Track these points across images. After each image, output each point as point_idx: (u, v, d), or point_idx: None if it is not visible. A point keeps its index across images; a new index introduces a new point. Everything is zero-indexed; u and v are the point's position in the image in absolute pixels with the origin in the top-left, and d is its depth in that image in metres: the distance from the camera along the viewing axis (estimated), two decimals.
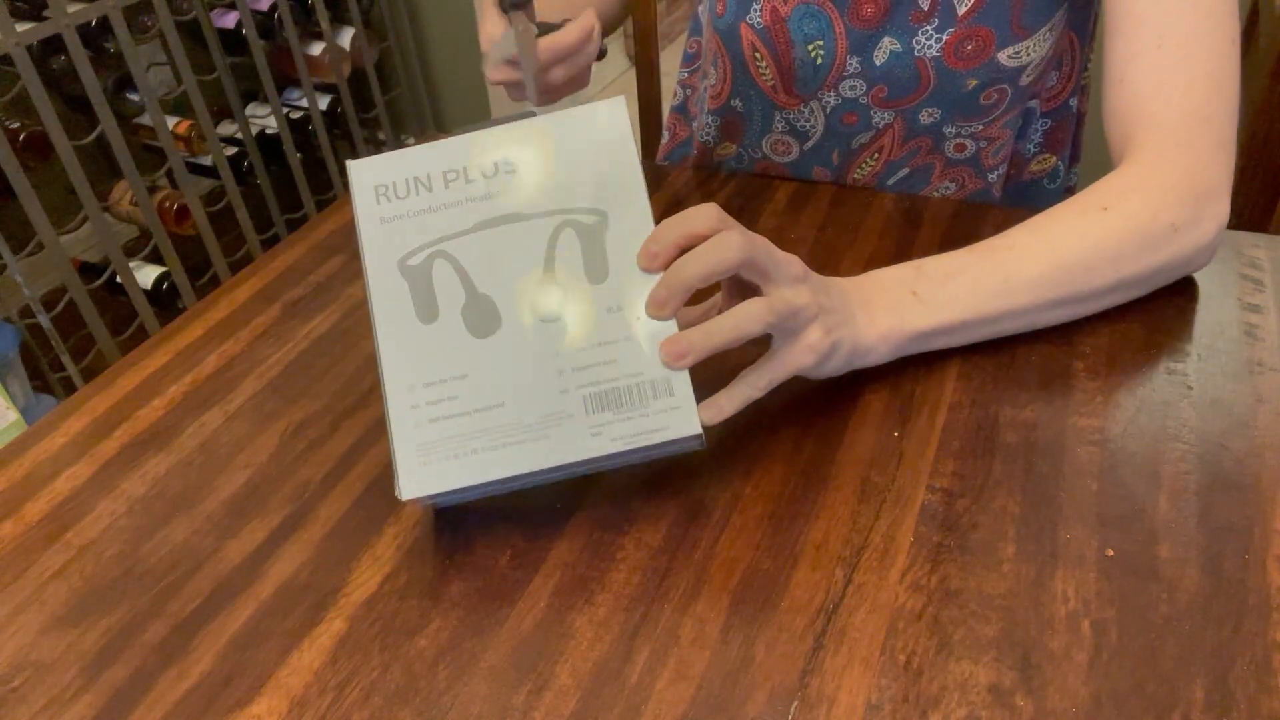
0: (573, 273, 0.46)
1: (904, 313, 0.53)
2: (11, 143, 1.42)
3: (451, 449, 0.44)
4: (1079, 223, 0.55)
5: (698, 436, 0.45)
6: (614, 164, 0.47)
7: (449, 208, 0.47)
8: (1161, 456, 0.49)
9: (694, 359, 0.45)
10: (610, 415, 0.44)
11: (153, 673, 0.42)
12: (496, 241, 0.47)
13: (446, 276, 0.46)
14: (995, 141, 0.77)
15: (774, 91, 0.77)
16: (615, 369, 0.45)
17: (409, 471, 0.44)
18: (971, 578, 0.43)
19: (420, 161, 0.48)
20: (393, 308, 0.46)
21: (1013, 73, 0.71)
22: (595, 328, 0.45)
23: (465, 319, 0.46)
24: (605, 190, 0.47)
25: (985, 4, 0.67)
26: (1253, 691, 0.38)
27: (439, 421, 0.45)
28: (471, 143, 0.48)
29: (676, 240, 0.45)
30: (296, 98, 1.98)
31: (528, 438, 0.44)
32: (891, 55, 0.71)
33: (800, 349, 0.48)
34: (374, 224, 0.47)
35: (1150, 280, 0.57)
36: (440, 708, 0.40)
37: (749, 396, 0.47)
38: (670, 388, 0.44)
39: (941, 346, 0.56)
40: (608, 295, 0.45)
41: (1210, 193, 0.56)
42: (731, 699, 0.39)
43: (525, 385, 0.45)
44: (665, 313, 0.45)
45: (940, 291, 0.54)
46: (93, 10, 1.48)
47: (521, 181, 0.47)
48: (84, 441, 0.56)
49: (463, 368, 0.45)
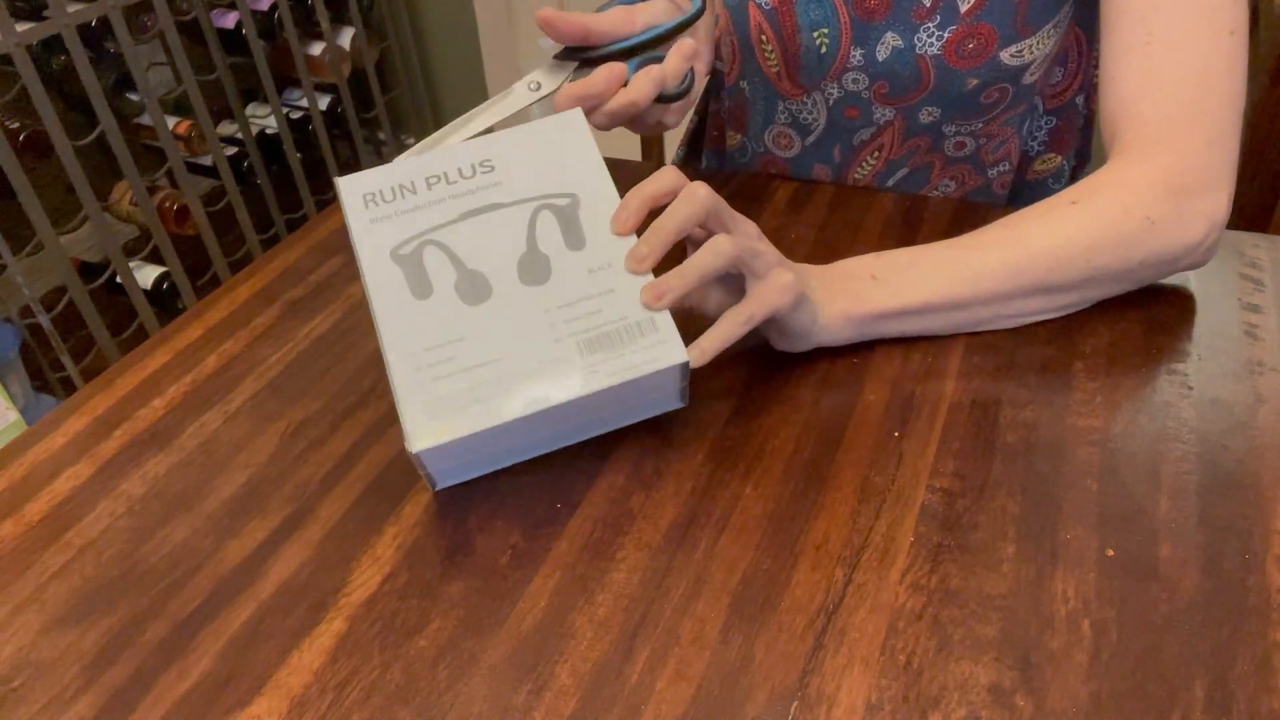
0: (554, 244, 0.50)
1: (862, 294, 0.55)
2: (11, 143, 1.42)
3: (457, 400, 0.46)
4: (1047, 215, 0.56)
5: (683, 376, 0.49)
6: (579, 159, 0.52)
7: (434, 204, 0.51)
8: (1161, 456, 0.49)
9: (672, 299, 0.48)
10: (603, 354, 0.47)
11: (153, 673, 0.42)
12: (480, 227, 0.50)
13: (437, 259, 0.50)
14: (995, 139, 0.77)
15: (778, 78, 0.78)
16: (602, 316, 0.48)
17: (417, 423, 0.46)
18: (971, 578, 0.43)
19: (403, 172, 0.52)
20: (388, 290, 0.49)
21: (1015, 71, 0.71)
22: (580, 285, 0.49)
23: (458, 291, 0.49)
24: (575, 178, 0.52)
25: (989, 1, 0.67)
26: (1253, 691, 0.38)
27: (442, 379, 0.47)
28: (449, 153, 0.53)
29: (643, 202, 0.50)
30: (296, 98, 1.98)
31: (528, 382, 0.47)
32: (894, 51, 0.71)
33: (775, 288, 0.50)
34: (364, 225, 0.51)
35: (1132, 275, 0.57)
36: (440, 708, 0.40)
37: (730, 335, 0.49)
38: (654, 325, 0.48)
39: (907, 332, 0.57)
40: (588, 259, 0.49)
41: (1195, 190, 0.56)
42: (731, 699, 0.39)
43: (520, 339, 0.48)
44: (644, 266, 0.49)
45: (900, 276, 0.56)
46: (93, 10, 1.48)
47: (498, 177, 0.52)
48: (84, 441, 0.56)
49: (459, 333, 0.48)
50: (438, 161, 0.52)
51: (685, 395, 0.51)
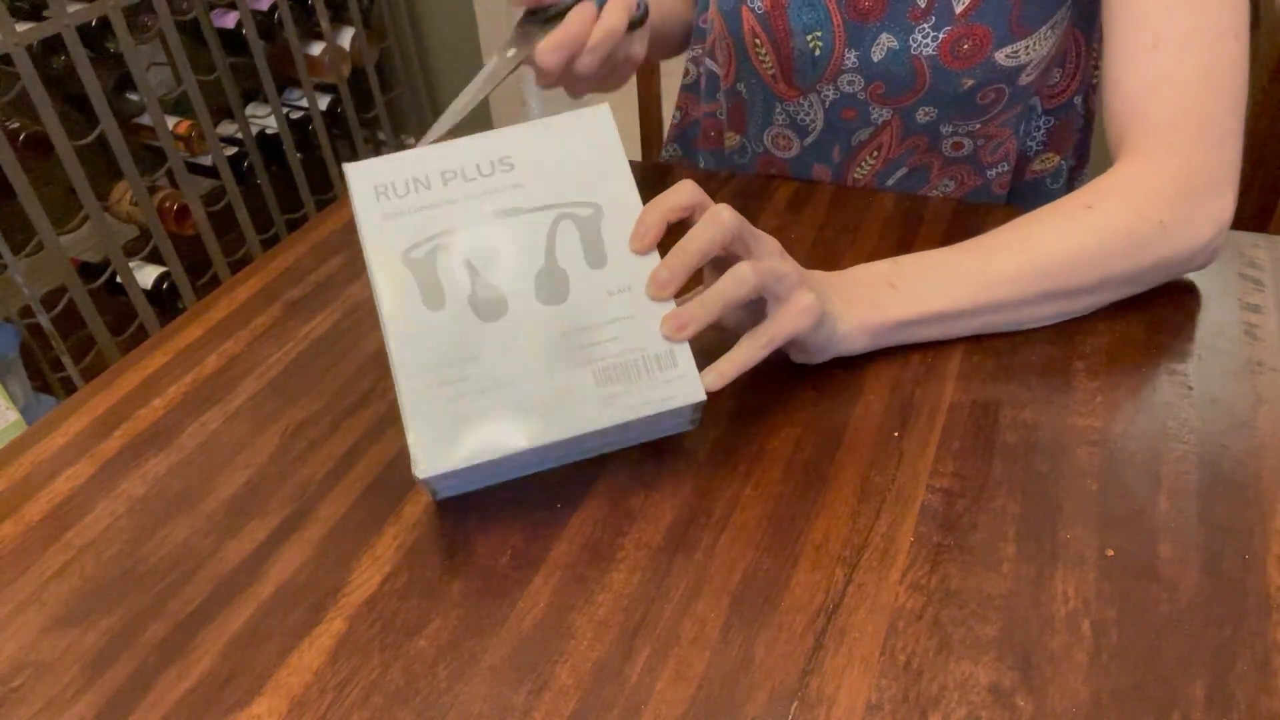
0: (573, 260, 0.48)
1: (881, 303, 0.54)
2: (11, 143, 1.42)
3: (468, 426, 0.45)
4: (1062, 220, 0.56)
5: (697, 406, 0.47)
6: (604, 162, 0.50)
7: (449, 204, 0.48)
8: (1161, 456, 0.49)
9: (694, 330, 0.47)
10: (619, 387, 0.46)
11: (153, 673, 0.42)
12: (498, 234, 0.48)
13: (451, 267, 0.47)
14: (993, 140, 0.77)
15: (774, 81, 0.78)
16: (620, 344, 0.47)
17: (424, 448, 0.45)
18: (971, 578, 0.43)
19: (418, 164, 0.49)
20: (398, 297, 0.47)
21: (1010, 72, 0.71)
22: (598, 309, 0.47)
23: (472, 305, 0.47)
24: (598, 185, 0.49)
25: (983, 2, 0.67)
26: (1253, 691, 0.38)
27: (453, 401, 0.46)
28: (467, 146, 0.49)
29: (661, 217, 0.48)
30: (296, 98, 1.98)
31: (541, 411, 0.46)
32: (889, 53, 0.71)
33: (796, 310, 0.49)
34: (374, 221, 0.48)
35: (1143, 278, 0.57)
36: (440, 708, 0.40)
37: (750, 359, 0.49)
38: (674, 359, 0.47)
39: (924, 338, 0.56)
40: (608, 279, 0.48)
41: (1204, 192, 0.56)
42: (731, 699, 0.39)
43: (535, 363, 0.46)
44: (666, 293, 0.47)
45: (918, 283, 0.55)
46: (93, 10, 1.48)
47: (518, 178, 0.49)
48: (84, 441, 0.56)
49: (472, 351, 0.46)
50: (454, 154, 0.49)
51: (698, 420, 0.51)
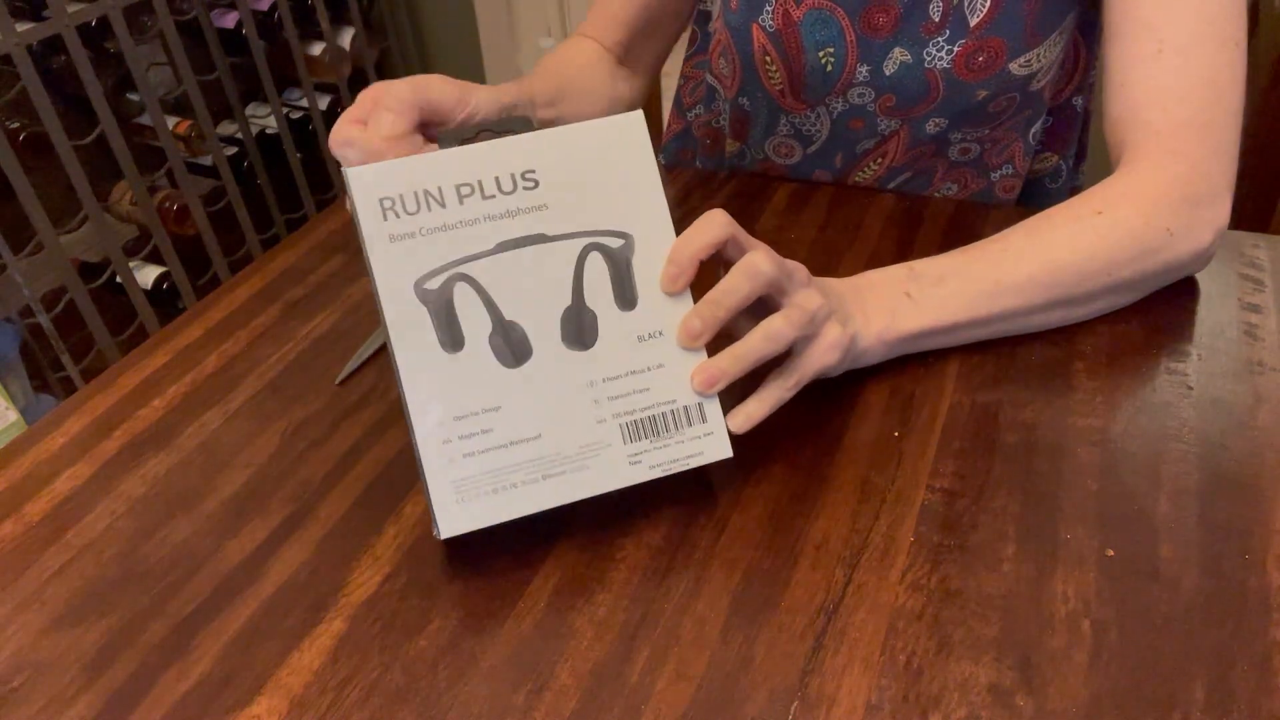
0: (602, 300, 0.45)
1: (897, 313, 0.54)
2: (11, 143, 1.42)
3: (490, 483, 0.44)
4: (1073, 227, 0.56)
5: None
6: (636, 180, 0.46)
7: (466, 225, 0.44)
8: (1161, 456, 0.49)
9: (725, 384, 0.46)
10: (647, 443, 0.45)
11: (153, 673, 0.42)
12: (521, 264, 0.44)
13: (469, 301, 0.44)
14: (1000, 143, 0.77)
15: (781, 96, 0.77)
16: (649, 396, 0.45)
17: (446, 509, 0.43)
18: (971, 578, 0.43)
19: (429, 172, 0.44)
20: (414, 336, 0.43)
21: (1022, 81, 0.70)
22: (628, 356, 0.45)
23: (494, 347, 0.44)
24: (629, 209, 0.46)
25: (998, 15, 0.67)
26: (1253, 691, 0.38)
27: (474, 456, 0.43)
28: (485, 153, 0.44)
29: (693, 257, 0.46)
30: (296, 98, 1.98)
31: (567, 469, 0.44)
32: (902, 66, 0.71)
33: (824, 348, 0.49)
34: (383, 242, 0.43)
35: (1145, 284, 0.58)
36: (440, 708, 0.40)
37: (778, 400, 0.48)
38: (703, 414, 0.46)
39: (935, 347, 0.56)
40: (638, 323, 0.45)
41: (1206, 198, 0.56)
42: (731, 699, 0.39)
43: (561, 415, 0.44)
44: (698, 344, 0.46)
45: (933, 292, 0.54)
46: (93, 10, 1.48)
47: (542, 197, 0.45)
48: (84, 441, 0.56)
49: (495, 399, 0.44)
50: (471, 164, 0.44)
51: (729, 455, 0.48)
